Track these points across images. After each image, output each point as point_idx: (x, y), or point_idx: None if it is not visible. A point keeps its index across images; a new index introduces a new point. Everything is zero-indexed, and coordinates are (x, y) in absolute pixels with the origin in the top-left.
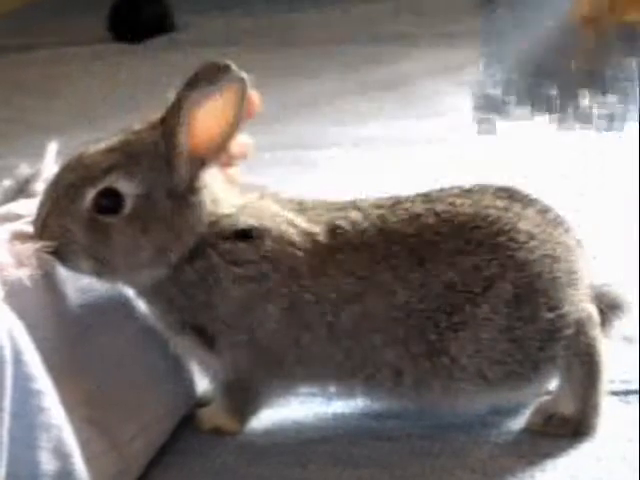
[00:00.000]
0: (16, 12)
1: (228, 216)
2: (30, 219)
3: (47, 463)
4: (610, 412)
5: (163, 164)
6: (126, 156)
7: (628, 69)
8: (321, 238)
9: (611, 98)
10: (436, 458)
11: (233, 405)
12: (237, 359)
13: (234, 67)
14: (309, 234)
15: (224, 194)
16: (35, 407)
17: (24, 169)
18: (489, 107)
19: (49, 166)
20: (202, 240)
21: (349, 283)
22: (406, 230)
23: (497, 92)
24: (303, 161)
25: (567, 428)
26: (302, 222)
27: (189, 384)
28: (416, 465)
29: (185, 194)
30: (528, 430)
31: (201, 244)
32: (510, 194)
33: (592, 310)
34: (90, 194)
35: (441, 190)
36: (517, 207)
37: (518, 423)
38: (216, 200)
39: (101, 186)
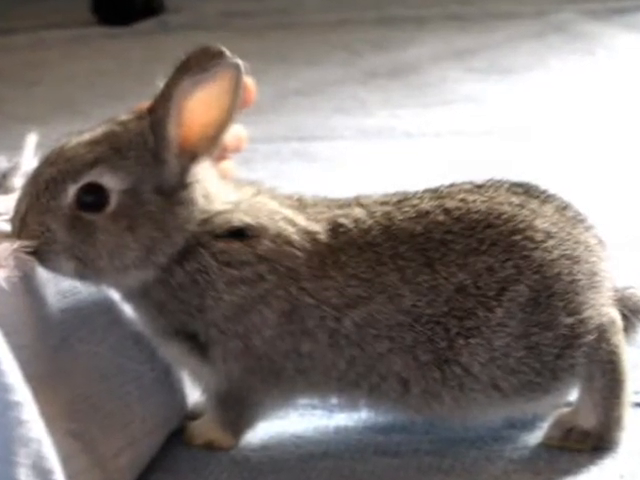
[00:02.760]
0: None
1: (221, 213)
2: (8, 217)
3: None
4: (634, 425)
5: (151, 157)
6: (111, 149)
7: None
8: (322, 237)
9: None
10: (446, 475)
11: (227, 418)
12: (231, 368)
13: (228, 53)
14: (309, 233)
15: (217, 190)
16: (13, 420)
17: (1, 162)
18: None
19: (28, 159)
20: (193, 239)
21: (352, 286)
22: (414, 229)
23: None
24: (302, 154)
25: (587, 443)
26: (301, 220)
27: (179, 395)
28: None
29: (175, 190)
30: (545, 445)
31: (192, 243)
32: (526, 190)
33: (615, 315)
34: (72, 190)
35: (451, 185)
36: (534, 204)
37: (535, 437)
38: (208, 196)
39: (84, 181)
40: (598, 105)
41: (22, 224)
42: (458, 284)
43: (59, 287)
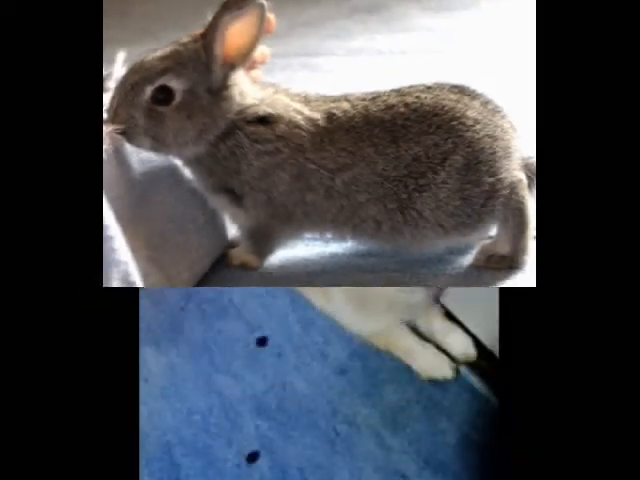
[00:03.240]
0: None
1: (251, 106)
2: (105, 108)
3: None
4: (533, 252)
5: (203, 68)
6: (176, 61)
7: None
8: (320, 122)
9: None
10: (406, 285)
11: (256, 247)
12: (258, 213)
13: None
14: (311, 119)
15: (248, 90)
16: (108, 248)
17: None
18: None
19: (119, 69)
20: (232, 124)
21: (341, 156)
22: (383, 116)
23: None
24: (308, 66)
25: (504, 264)
26: (306, 111)
27: (222, 231)
28: None
29: (220, 90)
30: (474, 265)
31: (231, 127)
32: (461, 89)
33: (522, 176)
34: (149, 90)
35: (410, 87)
36: (466, 99)
37: (467, 260)
38: (242, 94)
39: (157, 84)
40: (513, 32)
41: (115, 114)
42: (414, 155)
43: (140, 157)
